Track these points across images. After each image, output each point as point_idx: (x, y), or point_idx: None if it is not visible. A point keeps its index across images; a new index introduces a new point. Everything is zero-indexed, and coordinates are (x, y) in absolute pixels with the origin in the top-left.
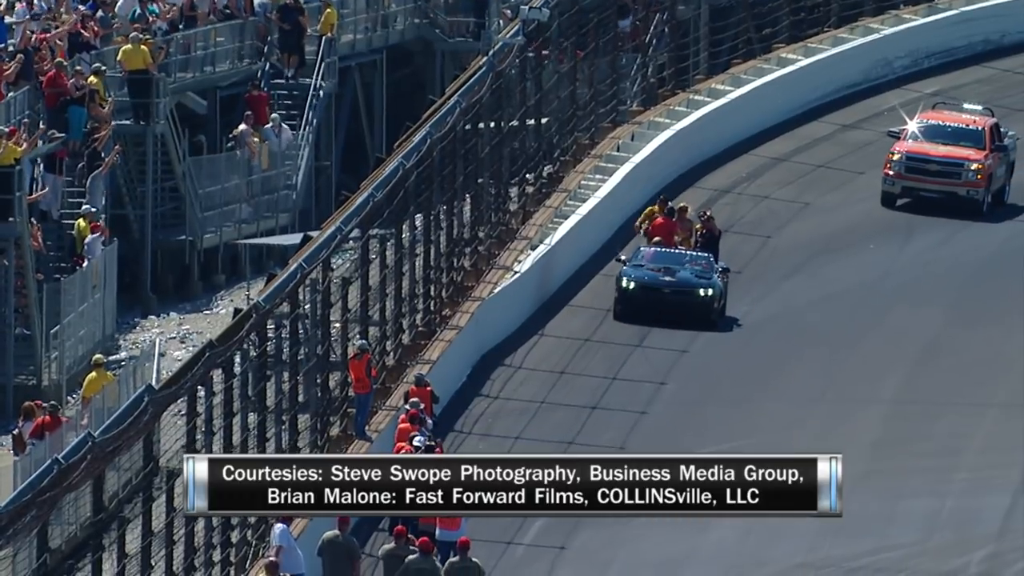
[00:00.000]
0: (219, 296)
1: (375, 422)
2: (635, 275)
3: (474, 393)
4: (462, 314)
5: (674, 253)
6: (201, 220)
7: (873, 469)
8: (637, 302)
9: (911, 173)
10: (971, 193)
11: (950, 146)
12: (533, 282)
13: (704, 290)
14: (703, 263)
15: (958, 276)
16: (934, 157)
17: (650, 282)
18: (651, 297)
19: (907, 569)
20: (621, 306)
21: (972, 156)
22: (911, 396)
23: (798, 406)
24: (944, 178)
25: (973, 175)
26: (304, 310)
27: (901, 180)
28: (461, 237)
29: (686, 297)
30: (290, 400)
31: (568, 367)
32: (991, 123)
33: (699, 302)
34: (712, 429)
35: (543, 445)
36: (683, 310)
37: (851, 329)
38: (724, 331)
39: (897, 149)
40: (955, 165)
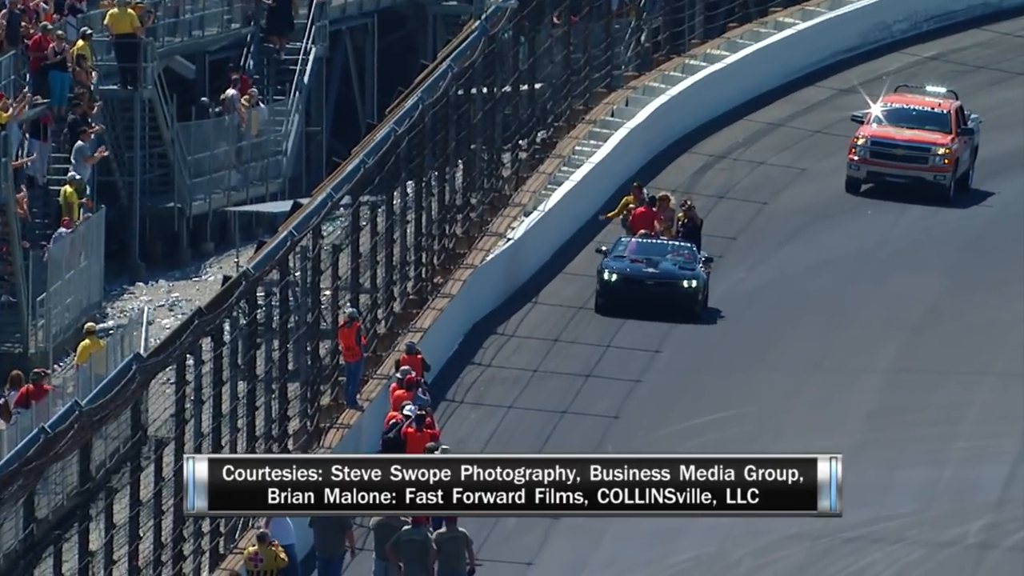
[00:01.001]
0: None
1: (366, 391)
2: (617, 267)
3: (466, 361)
4: (454, 282)
5: (656, 244)
6: (190, 187)
7: (870, 438)
8: (619, 295)
9: (876, 158)
10: (938, 178)
11: (915, 130)
12: (526, 249)
13: (688, 281)
14: (686, 253)
15: (957, 242)
16: (900, 141)
17: (632, 274)
18: (633, 289)
19: (905, 539)
20: (603, 299)
21: (939, 140)
22: (909, 364)
23: (795, 375)
24: (910, 163)
25: (940, 160)
26: (294, 277)
27: (866, 165)
28: (453, 204)
29: (670, 289)
30: (280, 369)
31: (561, 335)
32: (956, 106)
33: (683, 294)
34: (708, 398)
35: (536, 414)
36: (666, 302)
37: (848, 296)
38: (719, 299)
39: (861, 134)
40: (922, 149)
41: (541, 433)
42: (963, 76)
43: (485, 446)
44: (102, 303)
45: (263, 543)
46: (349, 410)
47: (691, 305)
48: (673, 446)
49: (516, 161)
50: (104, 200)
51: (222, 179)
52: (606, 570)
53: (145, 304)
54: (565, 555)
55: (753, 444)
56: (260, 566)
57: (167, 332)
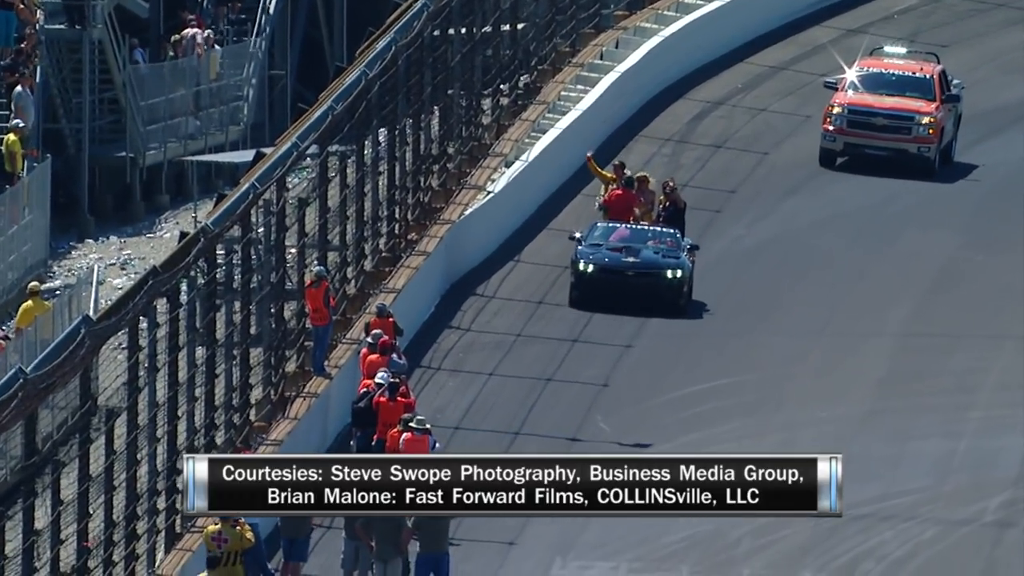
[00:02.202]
0: (163, 218)
1: (335, 357)
2: (593, 257)
3: (443, 325)
4: (430, 238)
5: (636, 230)
6: (143, 135)
7: (880, 408)
8: (596, 287)
9: (855, 128)
10: (922, 150)
11: (896, 97)
12: (508, 204)
13: (672, 271)
14: (669, 240)
15: (974, 196)
16: (880, 110)
17: (611, 264)
18: (612, 281)
19: (917, 517)
20: (578, 291)
21: (923, 108)
22: (921, 328)
23: (798, 339)
24: (892, 133)
25: (924, 130)
26: (257, 234)
27: (843, 136)
28: (429, 154)
29: (652, 280)
30: (242, 333)
31: (547, 296)
32: (939, 70)
33: (667, 285)
34: (704, 365)
35: (519, 382)
36: (649, 294)
37: (856, 254)
38: (717, 257)
39: (837, 101)
40: (905, 118)
41: (524, 402)
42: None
43: (464, 416)
44: (48, 261)
45: (226, 522)
46: (317, 378)
47: (676, 298)
48: (666, 416)
49: (497, 108)
50: (50, 150)
51: (178, 126)
52: (595, 551)
53: (95, 262)
54: (550, 535)
55: (753, 415)
56: (224, 547)
57: (119, 293)
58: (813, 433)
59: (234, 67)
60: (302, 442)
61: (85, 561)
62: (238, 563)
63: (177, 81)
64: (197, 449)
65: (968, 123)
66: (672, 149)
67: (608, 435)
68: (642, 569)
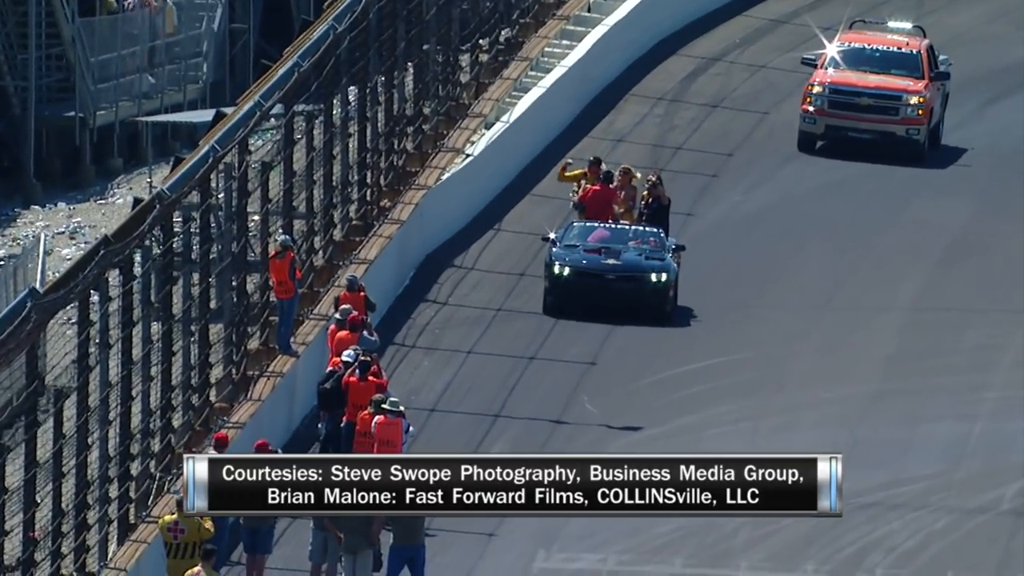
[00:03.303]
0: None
1: (301, 333)
2: (570, 259)
3: (418, 299)
4: (404, 205)
5: (616, 229)
6: (94, 93)
7: (888, 388)
8: (573, 292)
9: (837, 109)
10: (911, 132)
11: (882, 75)
12: (488, 168)
13: (657, 274)
14: (652, 240)
15: (988, 160)
16: (865, 89)
17: (589, 267)
18: (591, 285)
19: (928, 506)
20: (552, 297)
21: (910, 87)
22: (933, 302)
23: (800, 314)
24: (878, 114)
25: (913, 110)
26: (217, 200)
27: (824, 118)
28: (403, 114)
29: (635, 284)
30: (200, 307)
31: (529, 268)
32: (926, 45)
33: (651, 289)
34: (700, 342)
35: (500, 360)
36: (631, 300)
37: (863, 223)
38: (712, 226)
39: (817, 80)
40: (892, 98)
41: (506, 382)
42: None
43: (440, 397)
44: None
45: (182, 510)
46: (282, 356)
47: (661, 303)
48: (658, 398)
49: (476, 65)
50: None
51: (132, 84)
52: (581, 542)
53: (42, 231)
54: (532, 525)
55: (751, 396)
56: (180, 537)
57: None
58: (816, 415)
59: (192, 20)
60: (266, 425)
61: (31, 553)
62: (196, 555)
63: (130, 36)
64: (152, 432)
65: (981, 81)
66: (664, 109)
67: (595, 417)
68: (632, 562)
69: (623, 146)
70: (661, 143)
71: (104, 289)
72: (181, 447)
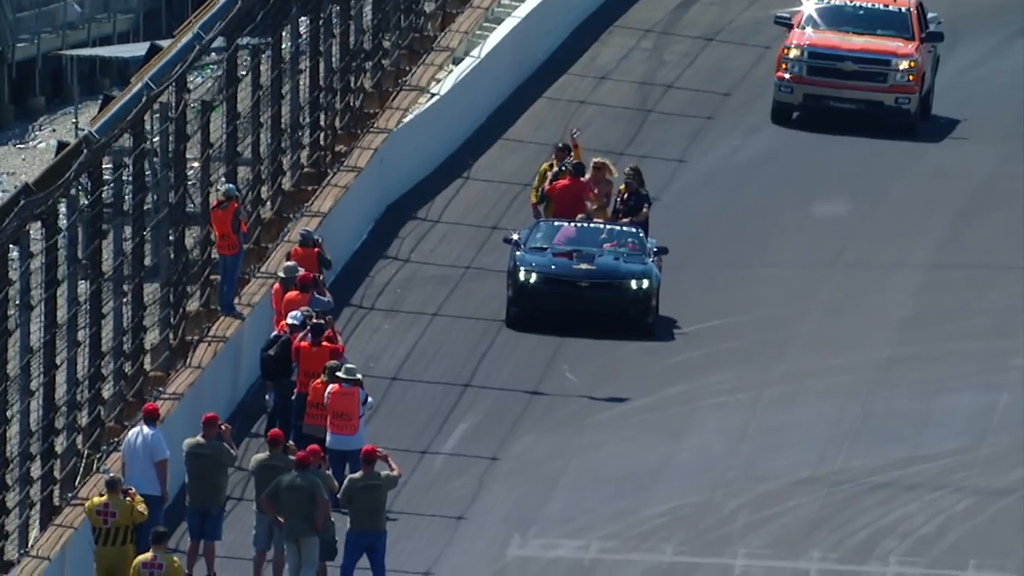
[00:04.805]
0: (37, 125)
1: (247, 293)
2: (537, 263)
3: (378, 255)
4: (362, 151)
5: (589, 228)
6: (12, 23)
7: (903, 354)
8: (541, 301)
9: (817, 76)
10: (900, 101)
11: (866, 36)
12: (455, 109)
13: (637, 281)
14: (631, 242)
15: (1018, 98)
16: (848, 52)
17: (559, 273)
18: (561, 294)
19: (949, 485)
20: (518, 308)
21: (900, 50)
22: (954, 258)
23: (806, 272)
24: (864, 81)
25: (903, 76)
26: (152, 144)
27: (802, 85)
28: (360, 48)
29: (612, 292)
30: (134, 264)
31: (502, 220)
32: (915, 1)
33: (631, 298)
34: (692, 303)
35: (469, 324)
36: (608, 310)
37: (875, 171)
38: (707, 173)
39: (794, 42)
40: (879, 63)
41: (475, 348)
42: None
43: (403, 365)
44: None
45: (114, 491)
46: (224, 318)
47: (642, 313)
48: (646, 365)
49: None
50: None
51: (55, 14)
52: (560, 527)
53: None
54: (506, 507)
55: (751, 363)
56: (111, 522)
57: None
58: (823, 384)
59: None
60: (208, 396)
61: None
62: (129, 542)
63: None
64: (80, 404)
65: (1006, 10)
66: (654, 42)
67: (576, 388)
68: (617, 549)
69: (607, 85)
70: (649, 81)
71: (25, 244)
72: (111, 420)
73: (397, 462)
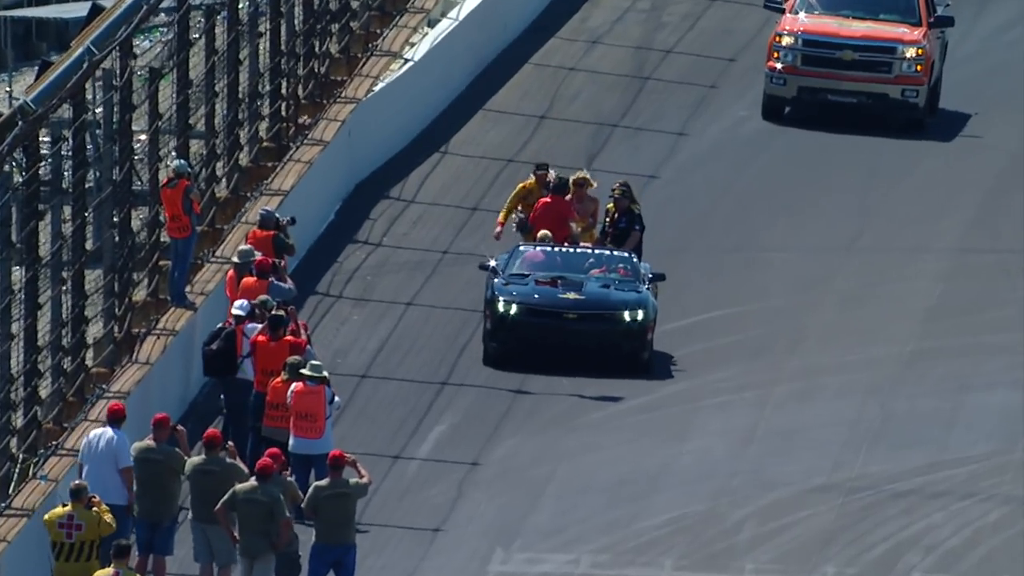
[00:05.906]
0: None
1: (200, 281)
2: (518, 293)
3: (346, 239)
4: (328, 123)
5: (575, 253)
6: None
7: (927, 348)
8: (523, 335)
9: (812, 66)
10: (907, 94)
11: (868, 21)
12: (431, 76)
13: (631, 311)
14: (622, 267)
15: None
16: (848, 39)
17: (543, 303)
18: (545, 327)
19: (978, 493)
20: (497, 342)
21: (906, 36)
22: (983, 242)
23: (819, 256)
24: (866, 72)
25: (910, 65)
26: (95, 116)
27: (797, 77)
28: (326, 9)
29: (603, 324)
30: (74, 248)
31: (484, 200)
32: None
33: (624, 331)
34: (694, 291)
35: (447, 314)
36: (599, 344)
37: (897, 145)
38: (710, 147)
39: (787, 28)
40: (883, 51)
41: (455, 341)
42: None
43: (373, 360)
44: None
45: (78, 502)
46: (175, 309)
47: (636, 348)
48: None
49: None
50: None
51: None
52: (547, 540)
53: None
54: (487, 517)
55: (759, 357)
56: (76, 535)
57: None
58: (839, 382)
59: None
60: (156, 395)
61: None
62: (94, 557)
63: None
64: (14, 404)
65: None
66: (651, 3)
67: (564, 386)
68: (610, 564)
69: (599, 49)
70: (646, 45)
71: None
72: (49, 422)
73: (367, 468)
